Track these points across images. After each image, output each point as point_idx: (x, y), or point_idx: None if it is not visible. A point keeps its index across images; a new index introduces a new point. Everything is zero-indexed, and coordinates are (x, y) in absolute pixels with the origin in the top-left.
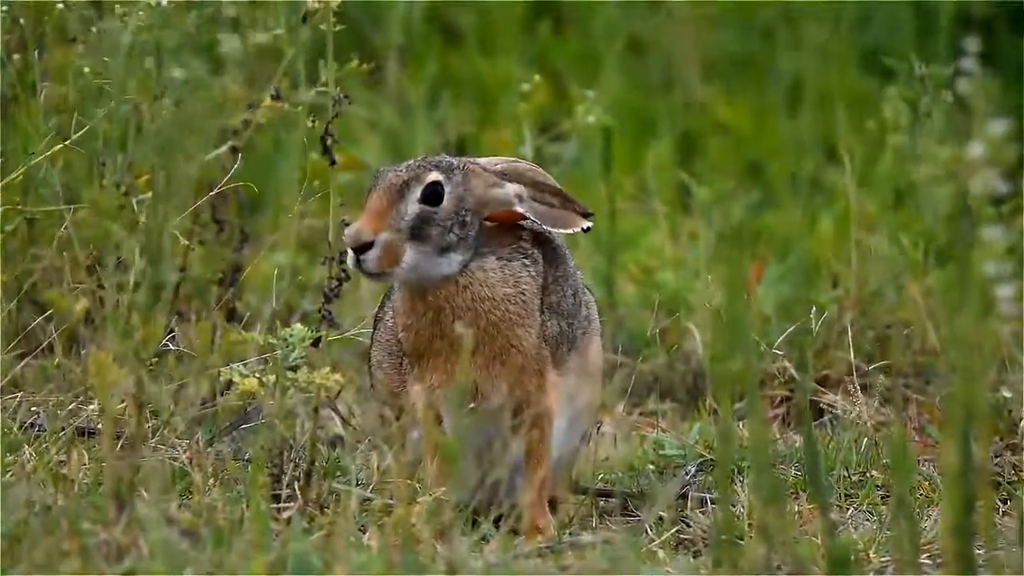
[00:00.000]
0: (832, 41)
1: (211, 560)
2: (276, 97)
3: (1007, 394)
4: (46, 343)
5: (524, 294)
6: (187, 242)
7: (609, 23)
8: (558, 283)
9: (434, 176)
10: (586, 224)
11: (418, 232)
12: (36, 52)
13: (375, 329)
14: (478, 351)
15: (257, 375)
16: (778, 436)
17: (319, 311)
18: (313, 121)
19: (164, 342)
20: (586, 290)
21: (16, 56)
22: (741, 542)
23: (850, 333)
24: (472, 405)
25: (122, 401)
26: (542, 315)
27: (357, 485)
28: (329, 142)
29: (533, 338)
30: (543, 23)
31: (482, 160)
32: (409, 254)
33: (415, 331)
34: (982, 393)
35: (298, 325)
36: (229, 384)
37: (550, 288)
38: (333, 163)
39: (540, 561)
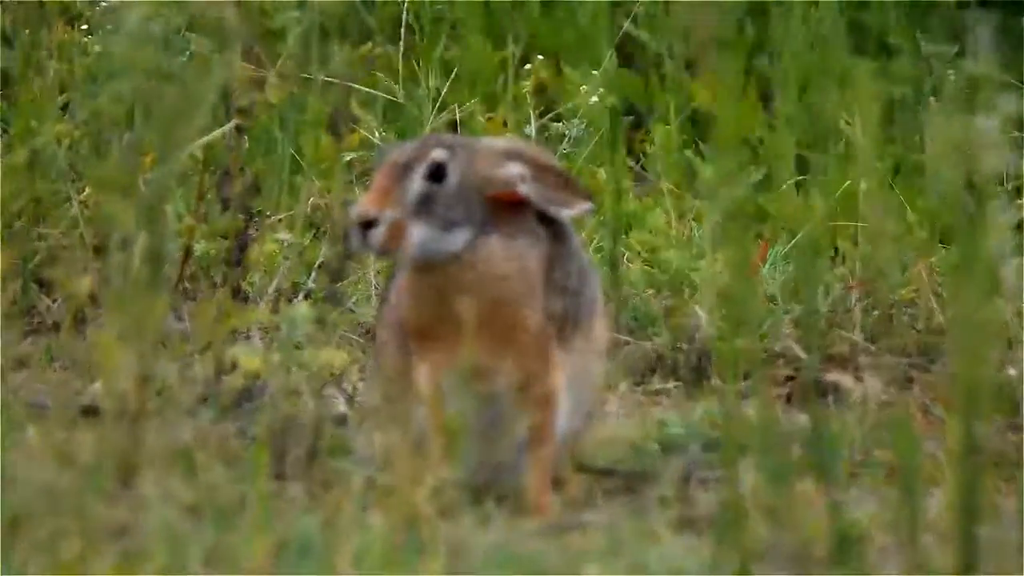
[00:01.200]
0: (829, 20)
1: (214, 539)
2: (282, 76)
3: (1012, 372)
4: (51, 322)
5: (528, 272)
6: (191, 220)
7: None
8: (562, 261)
9: (438, 154)
10: (587, 206)
11: (423, 210)
12: (43, 31)
13: (381, 309)
14: (482, 329)
15: (261, 354)
16: (783, 415)
17: (324, 289)
18: (322, 102)
19: (169, 321)
20: (591, 270)
21: (22, 33)
22: (745, 522)
23: (856, 312)
24: (476, 384)
25: (126, 379)
26: (546, 293)
27: (360, 464)
28: (338, 121)
29: (538, 316)
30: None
31: (485, 140)
32: (414, 232)
33: (419, 310)
34: (987, 372)
35: (303, 303)
36: (234, 364)
37: (554, 266)
38: (341, 140)
39: (543, 541)
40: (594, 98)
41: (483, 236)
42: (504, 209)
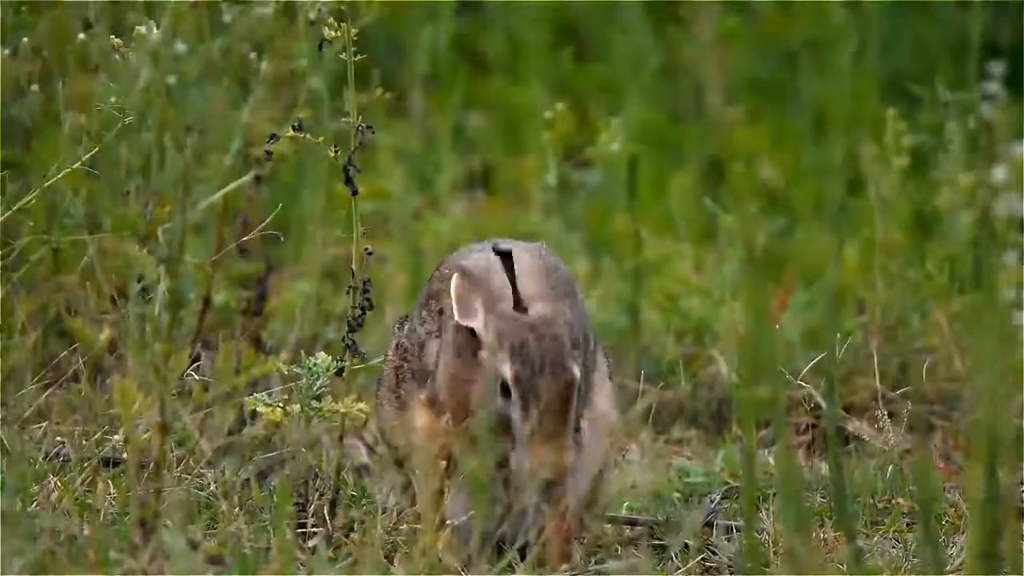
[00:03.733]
0: (856, 67)
1: None
2: (298, 128)
3: None
4: (71, 373)
5: None
6: (210, 270)
7: (632, 50)
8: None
9: (575, 370)
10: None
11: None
12: (59, 82)
13: (384, 370)
14: None
15: (281, 405)
16: (804, 463)
17: (343, 340)
18: (336, 151)
19: (189, 371)
20: (599, 344)
21: (37, 86)
22: (767, 570)
23: (876, 360)
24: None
25: (147, 430)
26: None
27: (383, 514)
28: (351, 172)
29: None
30: (566, 51)
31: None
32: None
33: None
34: (1007, 420)
35: (322, 354)
36: (255, 412)
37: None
38: (355, 193)
39: None
40: (615, 145)
41: None
42: None
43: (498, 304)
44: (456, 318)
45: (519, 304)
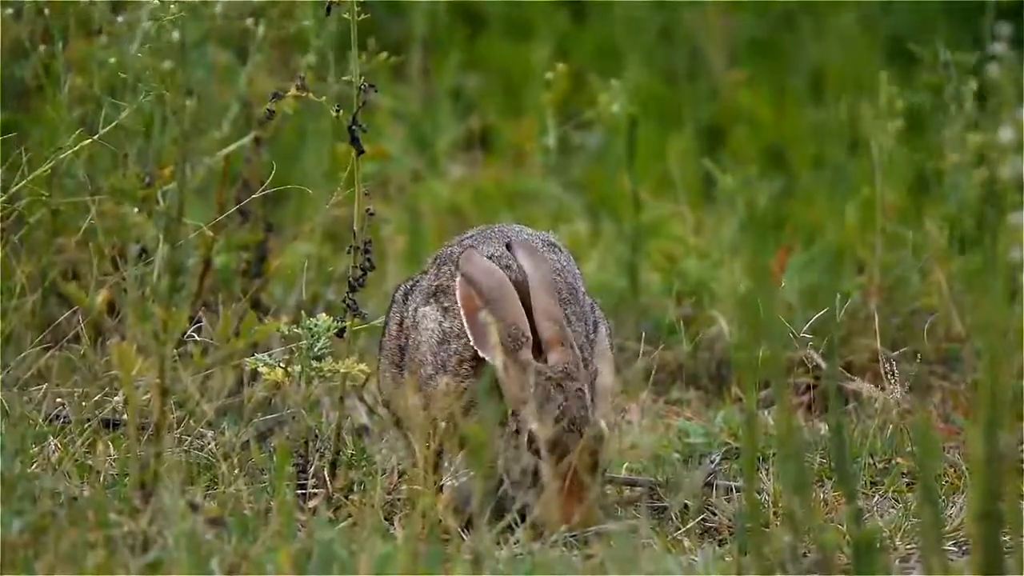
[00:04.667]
0: (856, 28)
1: (236, 550)
2: (301, 87)
3: None
4: (71, 335)
5: None
6: (210, 233)
7: (631, 13)
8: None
9: (603, 425)
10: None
11: None
12: (60, 44)
13: (382, 338)
14: None
15: (282, 365)
16: (803, 424)
17: (344, 301)
18: (338, 111)
19: (190, 333)
20: (600, 320)
21: (41, 47)
22: (767, 530)
23: (876, 320)
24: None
25: (147, 392)
26: None
27: (383, 475)
28: (357, 132)
29: None
30: (563, 14)
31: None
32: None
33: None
34: (1008, 379)
35: (323, 315)
36: (255, 374)
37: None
38: (361, 152)
39: (565, 550)
40: (615, 108)
41: None
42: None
43: (520, 350)
44: (472, 342)
45: (537, 347)
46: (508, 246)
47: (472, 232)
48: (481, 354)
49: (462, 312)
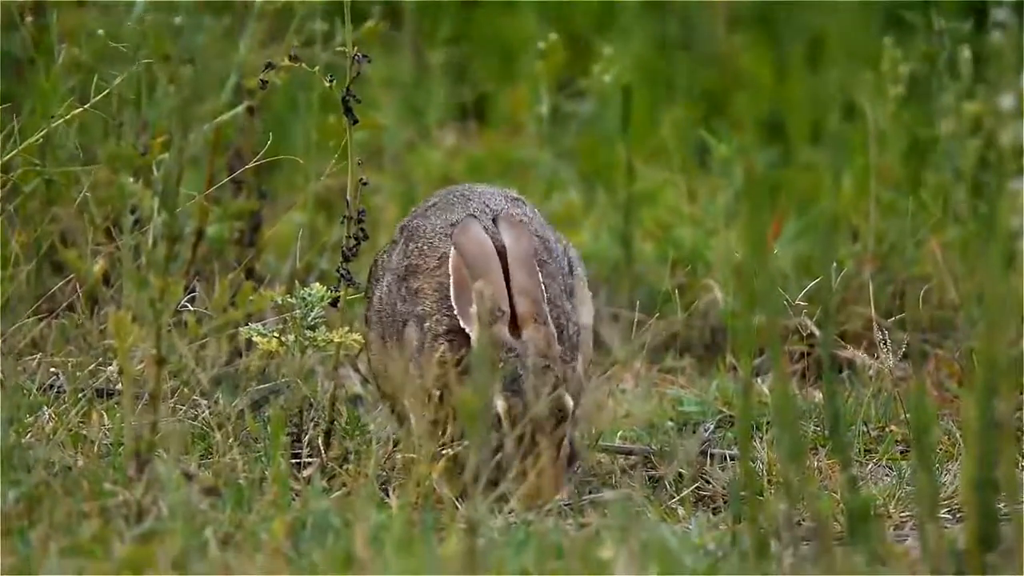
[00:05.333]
0: None
1: (231, 520)
2: (293, 59)
3: None
4: (65, 304)
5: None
6: (203, 201)
7: None
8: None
9: (568, 402)
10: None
11: None
12: (52, 14)
13: (368, 307)
14: None
15: (276, 335)
16: (797, 392)
17: (337, 270)
18: (331, 81)
19: (184, 302)
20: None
21: (31, 18)
22: (761, 498)
23: (870, 288)
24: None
25: (142, 361)
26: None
27: (377, 444)
28: (350, 102)
29: None
30: None
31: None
32: None
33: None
34: (1004, 347)
35: (316, 284)
36: (249, 343)
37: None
38: (355, 122)
39: (560, 519)
40: (608, 76)
41: None
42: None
43: (496, 323)
44: (456, 311)
45: (514, 320)
46: (494, 220)
47: (435, 197)
48: (462, 324)
49: (451, 280)
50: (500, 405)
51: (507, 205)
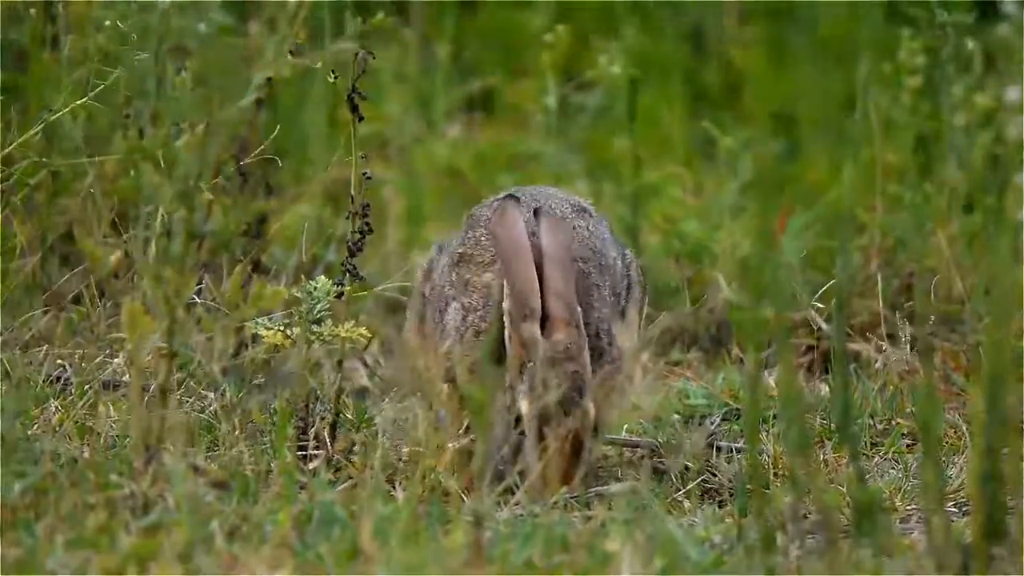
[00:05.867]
0: None
1: (237, 512)
2: (295, 53)
3: None
4: (71, 297)
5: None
6: (210, 195)
7: None
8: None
9: (592, 410)
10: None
11: None
12: (58, 5)
13: (421, 283)
14: None
15: (282, 328)
16: (804, 385)
17: (342, 264)
18: (335, 77)
19: (192, 295)
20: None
21: (34, 10)
22: (768, 491)
23: (879, 280)
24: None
25: (149, 353)
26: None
27: (383, 436)
28: (356, 99)
29: None
30: None
31: None
32: None
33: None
34: (1011, 340)
35: (322, 278)
36: (255, 337)
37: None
38: (361, 119)
39: (566, 512)
40: (615, 68)
41: None
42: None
43: (525, 321)
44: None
45: (544, 320)
46: (535, 212)
47: (508, 191)
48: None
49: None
50: (525, 410)
51: (572, 214)
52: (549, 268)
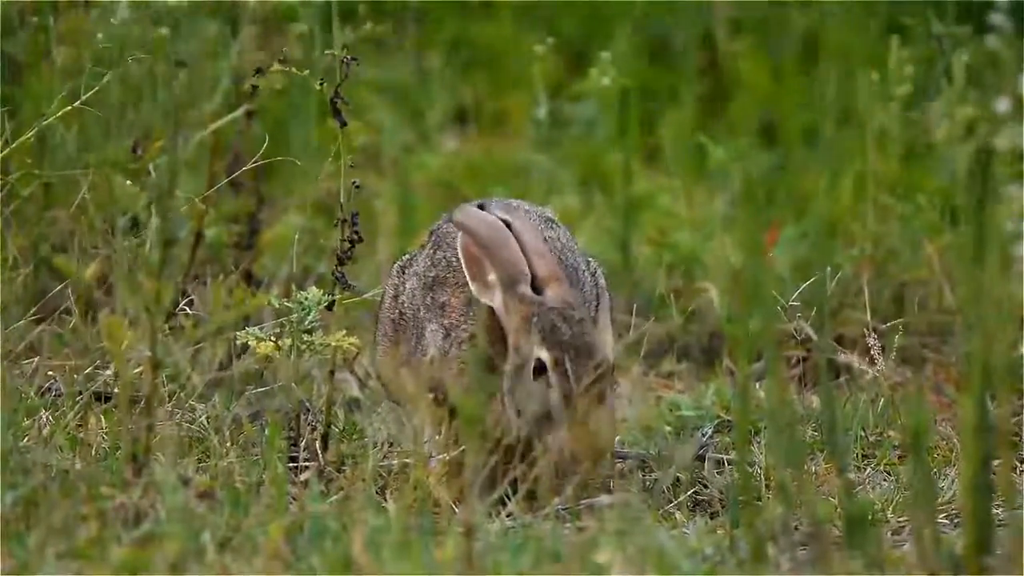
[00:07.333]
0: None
1: (228, 523)
2: (283, 62)
3: None
4: (62, 308)
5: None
6: (202, 204)
7: None
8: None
9: (607, 351)
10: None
11: None
12: (51, 16)
13: (380, 307)
14: None
15: (273, 338)
16: (795, 397)
17: (333, 274)
18: (322, 84)
19: (181, 305)
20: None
21: (30, 19)
22: (759, 503)
23: (866, 293)
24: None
25: (138, 365)
26: None
27: (374, 448)
28: (339, 104)
29: None
30: None
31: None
32: None
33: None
34: (1000, 351)
35: (313, 288)
36: (245, 347)
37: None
38: (344, 125)
39: (557, 523)
40: (606, 80)
41: None
42: None
43: (517, 286)
44: (471, 286)
45: (534, 282)
46: (480, 206)
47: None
48: (478, 297)
49: (461, 259)
50: (545, 357)
51: (542, 225)
52: (525, 235)
